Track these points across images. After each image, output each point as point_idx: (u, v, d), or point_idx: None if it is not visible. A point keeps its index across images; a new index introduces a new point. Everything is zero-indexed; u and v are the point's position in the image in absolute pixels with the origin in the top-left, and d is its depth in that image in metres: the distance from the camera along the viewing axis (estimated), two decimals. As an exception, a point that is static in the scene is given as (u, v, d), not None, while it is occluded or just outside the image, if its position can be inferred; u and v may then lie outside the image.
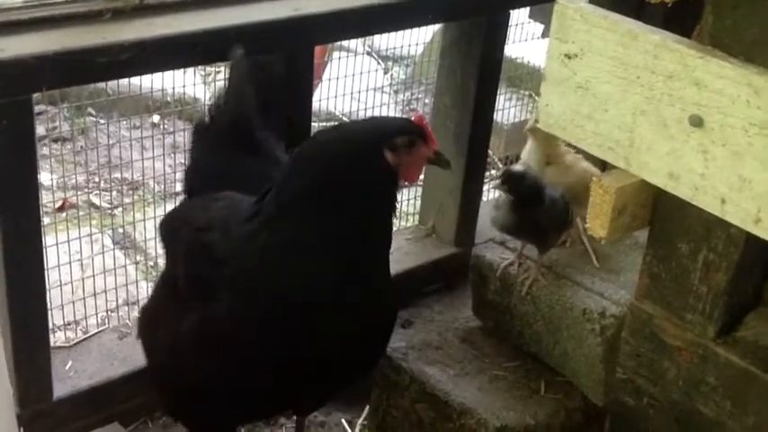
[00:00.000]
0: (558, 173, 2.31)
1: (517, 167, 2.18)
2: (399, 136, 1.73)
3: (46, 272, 2.11)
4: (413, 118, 1.82)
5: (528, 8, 3.39)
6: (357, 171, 1.70)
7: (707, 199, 1.43)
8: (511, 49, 3.55)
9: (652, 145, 1.48)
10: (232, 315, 1.72)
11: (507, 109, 3.62)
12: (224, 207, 1.89)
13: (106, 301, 2.56)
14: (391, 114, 2.42)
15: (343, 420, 2.49)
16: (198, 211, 1.95)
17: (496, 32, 2.60)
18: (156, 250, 2.76)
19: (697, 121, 1.42)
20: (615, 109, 1.52)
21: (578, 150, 2.28)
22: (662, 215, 1.68)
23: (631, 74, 1.49)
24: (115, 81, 2.88)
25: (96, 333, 2.45)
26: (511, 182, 2.11)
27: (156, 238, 2.63)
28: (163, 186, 3.06)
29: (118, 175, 3.37)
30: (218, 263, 1.75)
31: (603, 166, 2.36)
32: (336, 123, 2.02)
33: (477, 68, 2.59)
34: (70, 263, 2.49)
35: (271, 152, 2.12)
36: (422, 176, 2.87)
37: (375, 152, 1.71)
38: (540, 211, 2.15)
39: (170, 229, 2.06)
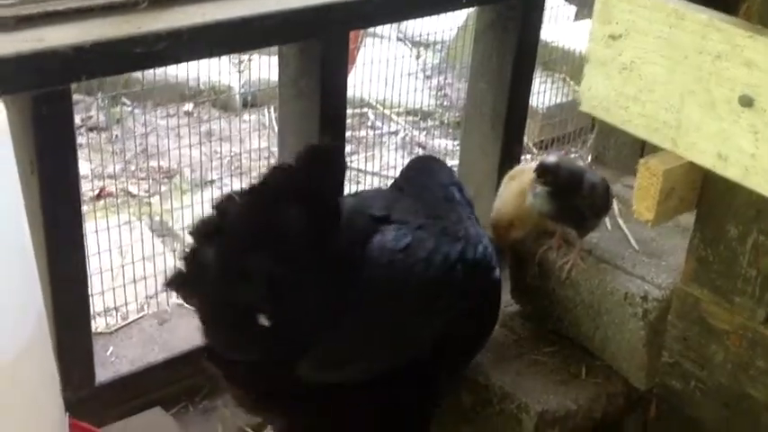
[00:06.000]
0: None
1: (550, 158, 2.15)
2: None
3: (87, 259, 2.12)
4: None
5: (562, -10, 3.36)
6: None
7: (757, 180, 1.41)
8: (544, 33, 3.52)
9: (700, 126, 1.46)
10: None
11: (542, 93, 3.59)
12: None
13: (146, 287, 2.58)
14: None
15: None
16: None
17: (532, 15, 2.58)
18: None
19: (747, 102, 1.39)
20: (662, 89, 1.49)
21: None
22: (710, 197, 1.65)
23: (679, 54, 1.46)
24: (149, 70, 2.89)
25: (136, 319, 2.47)
26: (547, 174, 2.09)
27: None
28: (199, 173, 3.07)
29: (153, 163, 3.38)
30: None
31: (642, 150, 2.34)
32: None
33: (512, 52, 2.57)
34: (110, 250, 2.51)
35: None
36: (457, 162, 2.88)
37: None
38: (579, 197, 2.13)
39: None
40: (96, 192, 3.15)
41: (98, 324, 2.44)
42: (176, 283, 1.66)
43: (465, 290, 1.87)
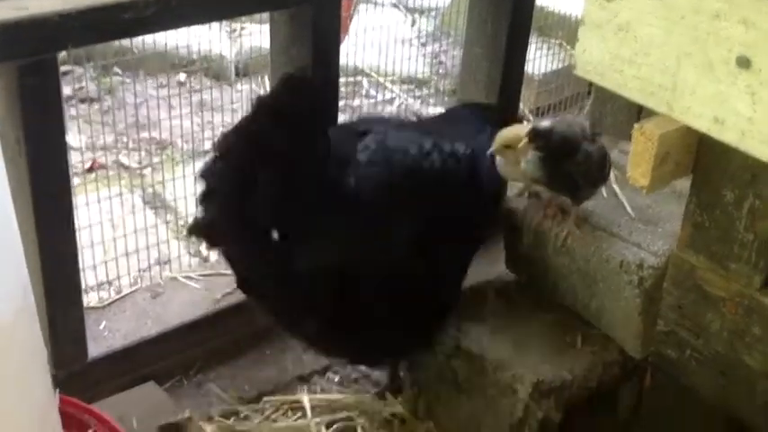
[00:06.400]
0: None
1: (544, 123, 2.10)
2: None
3: (77, 232, 2.10)
4: None
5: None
6: None
7: (754, 143, 1.38)
8: (540, -2, 3.48)
9: (696, 88, 1.42)
10: None
11: (538, 59, 3.54)
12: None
13: (138, 260, 2.56)
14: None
15: (380, 377, 2.48)
16: None
17: (528, -21, 2.54)
18: (187, 209, 2.74)
19: (745, 63, 1.36)
20: (658, 52, 1.46)
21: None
22: (705, 162, 1.62)
23: (675, 14, 1.42)
24: (140, 40, 2.85)
25: (129, 293, 2.46)
26: (538, 139, 2.05)
27: (185, 196, 2.63)
28: (191, 145, 3.04)
29: (146, 134, 3.35)
30: None
31: (638, 116, 2.31)
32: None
33: (508, 17, 2.53)
34: (102, 222, 2.49)
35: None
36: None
37: None
38: (572, 164, 2.09)
39: None
40: (88, 164, 3.12)
41: (90, 298, 2.43)
42: (195, 229, 1.93)
43: (442, 179, 2.04)
